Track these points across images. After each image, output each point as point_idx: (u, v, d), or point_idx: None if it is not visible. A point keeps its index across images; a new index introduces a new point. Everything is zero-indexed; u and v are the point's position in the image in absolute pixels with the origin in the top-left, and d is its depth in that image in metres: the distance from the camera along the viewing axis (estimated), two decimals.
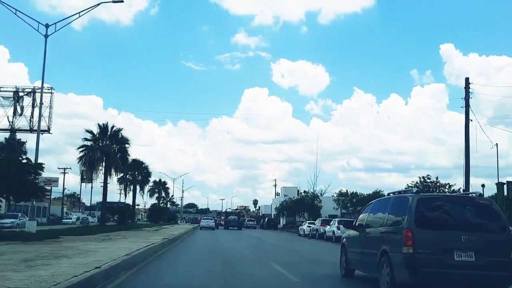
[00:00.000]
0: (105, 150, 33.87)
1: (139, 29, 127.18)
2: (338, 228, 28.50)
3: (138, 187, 49.55)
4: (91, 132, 34.41)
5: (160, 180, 70.29)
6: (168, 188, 72.69)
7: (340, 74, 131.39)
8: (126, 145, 35.56)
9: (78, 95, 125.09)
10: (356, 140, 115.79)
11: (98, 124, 34.55)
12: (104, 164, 34.15)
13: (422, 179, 36.05)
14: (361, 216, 10.69)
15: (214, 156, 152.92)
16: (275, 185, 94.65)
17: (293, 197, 61.60)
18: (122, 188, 48.08)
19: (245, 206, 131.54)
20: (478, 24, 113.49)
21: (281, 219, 73.93)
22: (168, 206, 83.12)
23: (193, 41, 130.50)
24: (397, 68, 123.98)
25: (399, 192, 9.54)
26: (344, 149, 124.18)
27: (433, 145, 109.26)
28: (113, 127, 35.16)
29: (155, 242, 17.45)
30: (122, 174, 46.60)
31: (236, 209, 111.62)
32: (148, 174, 50.10)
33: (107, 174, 34.45)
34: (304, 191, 58.25)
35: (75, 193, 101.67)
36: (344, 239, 11.35)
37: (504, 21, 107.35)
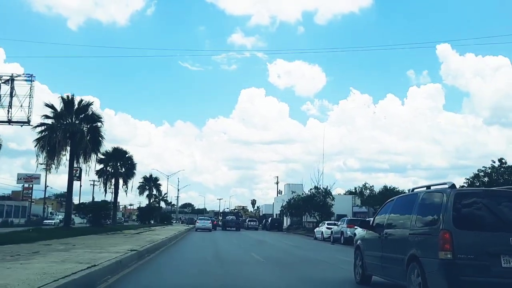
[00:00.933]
0: (70, 129, 24.69)
1: (135, 29, 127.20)
2: None
3: (121, 181, 40.19)
4: (51, 106, 25.29)
5: (151, 175, 61.75)
6: (160, 185, 64.31)
7: (336, 75, 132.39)
8: (99, 124, 26.47)
9: (75, 96, 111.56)
10: (352, 141, 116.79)
11: (62, 97, 25.62)
12: (69, 148, 24.77)
13: (496, 164, 26.75)
14: (379, 215, 9.42)
15: (211, 157, 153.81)
16: (277, 183, 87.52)
17: (302, 194, 52.39)
18: (101, 183, 38.56)
19: (243, 206, 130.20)
20: (474, 24, 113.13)
21: (285, 219, 67.98)
22: (162, 205, 73.64)
23: (189, 41, 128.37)
24: (394, 68, 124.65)
25: (428, 187, 8.11)
26: (341, 150, 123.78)
27: (429, 145, 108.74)
28: (81, 101, 26.70)
29: (106, 261, 10.45)
30: (102, 166, 37.41)
31: (234, 209, 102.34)
32: (133, 165, 41.44)
33: (73, 160, 25.37)
34: (315, 187, 49.30)
35: (65, 192, 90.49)
36: (359, 241, 9.96)
37: (500, 21, 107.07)
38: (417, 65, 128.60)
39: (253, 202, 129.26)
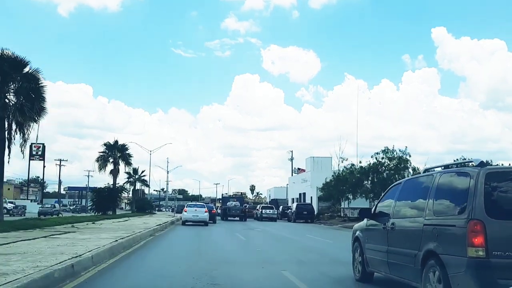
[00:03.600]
0: None
1: (127, 15, 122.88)
2: None
3: (13, 128, 16.47)
4: None
5: (116, 142, 38.36)
6: (130, 156, 40.68)
7: (331, 60, 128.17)
8: None
9: (67, 84, 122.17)
10: (347, 126, 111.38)
11: None
12: None
13: None
14: (382, 202, 7.99)
15: (206, 144, 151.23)
16: (291, 159, 71.46)
17: (352, 165, 30.13)
18: None
19: (241, 192, 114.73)
20: (470, 6, 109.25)
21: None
22: (139, 188, 51.55)
23: (182, 27, 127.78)
24: (389, 53, 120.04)
25: (446, 166, 6.79)
26: (336, 135, 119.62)
27: (425, 130, 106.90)
28: None
29: None
30: None
31: (236, 194, 79.15)
32: (39, 94, 17.11)
33: None
34: (384, 150, 26.24)
35: (38, 177, 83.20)
36: (358, 232, 8.59)
37: (495, 3, 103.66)
38: (413, 49, 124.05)
39: (252, 188, 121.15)
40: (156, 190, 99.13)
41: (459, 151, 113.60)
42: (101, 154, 43.44)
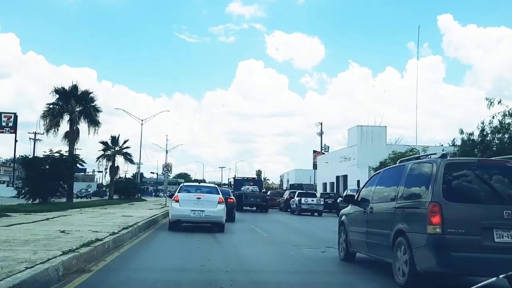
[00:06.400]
0: None
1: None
2: None
3: None
4: None
5: (74, 87, 21.99)
6: (97, 111, 23.98)
7: (335, 47, 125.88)
8: None
9: (71, 67, 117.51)
10: (352, 114, 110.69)
11: None
12: None
13: None
14: (364, 189, 8.79)
15: (210, 130, 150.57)
16: (321, 133, 56.65)
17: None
18: None
19: (247, 177, 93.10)
20: None
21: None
22: (137, 171, 42.72)
23: (186, 12, 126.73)
24: (394, 40, 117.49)
25: (417, 158, 7.71)
26: (340, 123, 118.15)
27: (429, 119, 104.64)
28: None
29: None
30: None
31: (251, 177, 61.27)
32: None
33: None
34: None
35: (25, 155, 62.26)
36: (343, 217, 9.40)
37: None
38: (418, 37, 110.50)
39: (259, 173, 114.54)
40: (153, 173, 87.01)
41: None
42: (50, 106, 25.54)
